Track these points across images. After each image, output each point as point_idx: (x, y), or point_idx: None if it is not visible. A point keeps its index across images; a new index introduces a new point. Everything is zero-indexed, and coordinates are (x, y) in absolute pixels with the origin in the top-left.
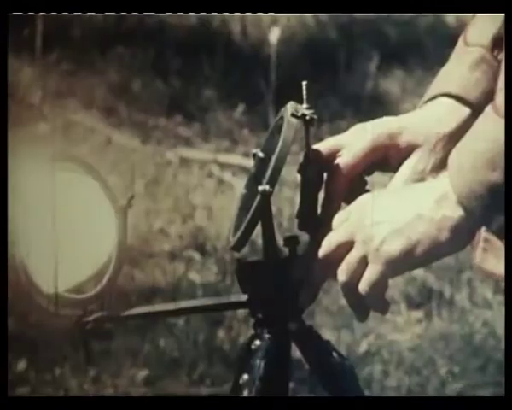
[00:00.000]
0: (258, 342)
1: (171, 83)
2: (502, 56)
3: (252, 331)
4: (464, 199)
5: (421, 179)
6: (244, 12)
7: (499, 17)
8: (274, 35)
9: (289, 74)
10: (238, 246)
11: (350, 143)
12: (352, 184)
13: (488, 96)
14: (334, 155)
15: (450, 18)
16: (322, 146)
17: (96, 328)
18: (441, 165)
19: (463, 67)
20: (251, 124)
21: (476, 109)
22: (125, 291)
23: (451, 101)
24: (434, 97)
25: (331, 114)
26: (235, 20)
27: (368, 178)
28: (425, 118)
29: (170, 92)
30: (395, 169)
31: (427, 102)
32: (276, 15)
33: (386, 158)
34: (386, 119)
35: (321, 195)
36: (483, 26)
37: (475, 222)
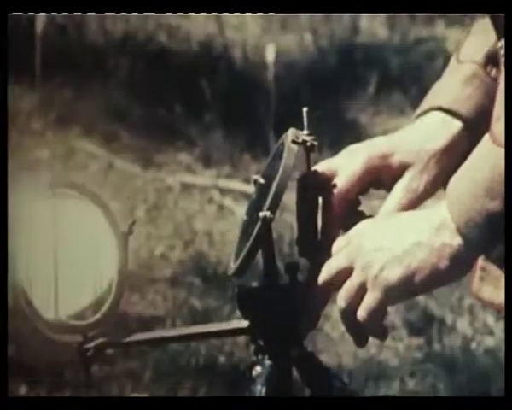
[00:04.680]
0: (259, 369)
1: (173, 108)
2: (495, 73)
3: (253, 358)
4: (463, 227)
5: (416, 198)
6: (244, 12)
7: (492, 35)
8: (270, 52)
9: (290, 100)
10: (239, 272)
11: (343, 167)
12: (348, 206)
13: (480, 112)
14: (328, 179)
15: (450, 45)
16: (316, 170)
17: (97, 354)
18: (435, 182)
19: (455, 82)
20: (251, 149)
21: (468, 123)
22: (126, 317)
23: (443, 115)
24: (426, 112)
25: (331, 139)
26: (237, 46)
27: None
28: (416, 135)
29: (171, 117)
30: (389, 188)
31: (418, 116)
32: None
33: (380, 178)
34: (377, 139)
35: (319, 220)
36: (476, 44)
37: (474, 250)
